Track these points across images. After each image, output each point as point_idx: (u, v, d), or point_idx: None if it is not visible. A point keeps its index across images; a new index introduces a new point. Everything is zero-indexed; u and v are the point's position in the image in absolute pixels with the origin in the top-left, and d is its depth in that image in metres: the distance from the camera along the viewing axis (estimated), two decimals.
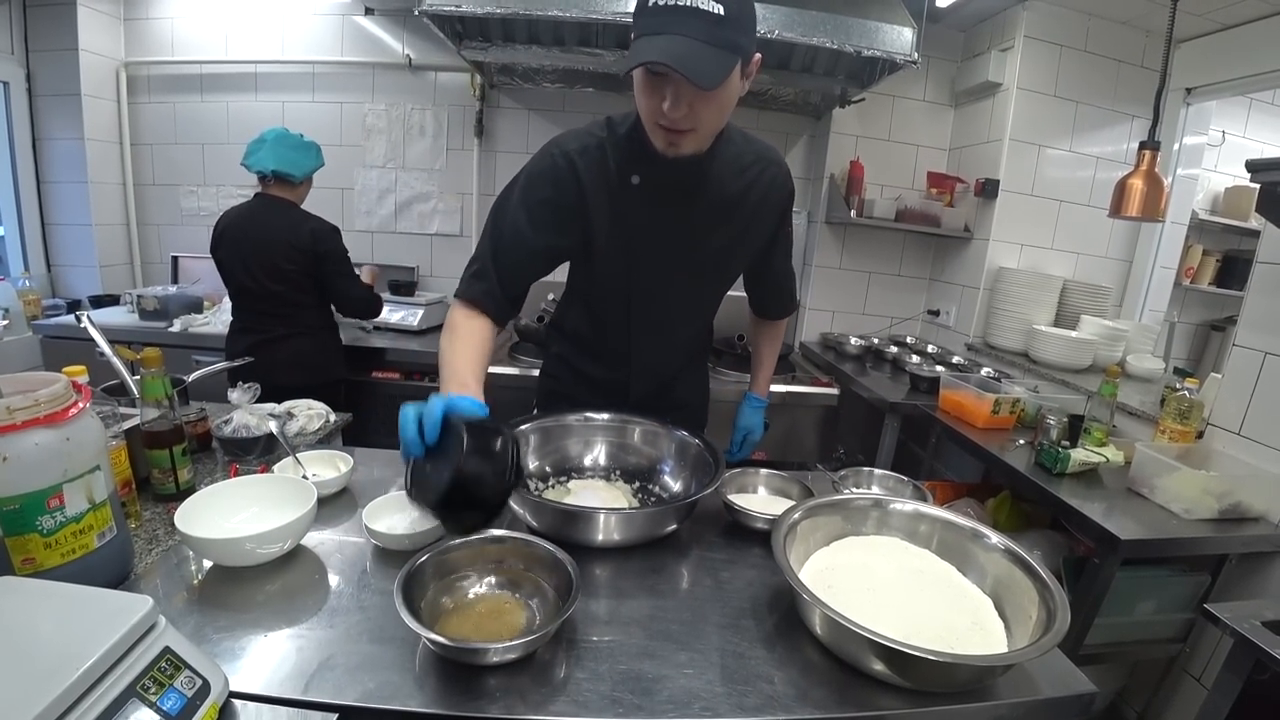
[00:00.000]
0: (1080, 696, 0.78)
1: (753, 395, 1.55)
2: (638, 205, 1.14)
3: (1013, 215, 2.68)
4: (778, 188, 1.22)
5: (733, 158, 1.16)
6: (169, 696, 0.59)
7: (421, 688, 0.70)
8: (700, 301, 1.34)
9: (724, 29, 0.91)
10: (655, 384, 1.38)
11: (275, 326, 2.13)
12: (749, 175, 1.18)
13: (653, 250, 1.18)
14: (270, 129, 2.12)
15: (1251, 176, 1.47)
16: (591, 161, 1.12)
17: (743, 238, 1.24)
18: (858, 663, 0.76)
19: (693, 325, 1.38)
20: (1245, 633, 1.14)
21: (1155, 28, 2.45)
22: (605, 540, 0.99)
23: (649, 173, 1.11)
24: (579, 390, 1.39)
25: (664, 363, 1.37)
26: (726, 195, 1.17)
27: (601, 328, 1.33)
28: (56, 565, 0.75)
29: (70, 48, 2.75)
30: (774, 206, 1.24)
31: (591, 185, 1.13)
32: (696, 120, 0.99)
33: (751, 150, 1.20)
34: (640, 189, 1.13)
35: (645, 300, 1.25)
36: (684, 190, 1.13)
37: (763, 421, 1.57)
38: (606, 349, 1.35)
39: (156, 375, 1.07)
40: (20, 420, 0.70)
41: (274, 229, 2.07)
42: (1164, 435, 1.76)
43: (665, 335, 1.33)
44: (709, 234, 1.19)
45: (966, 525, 0.96)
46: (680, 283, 1.24)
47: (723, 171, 1.15)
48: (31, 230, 2.93)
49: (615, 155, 1.12)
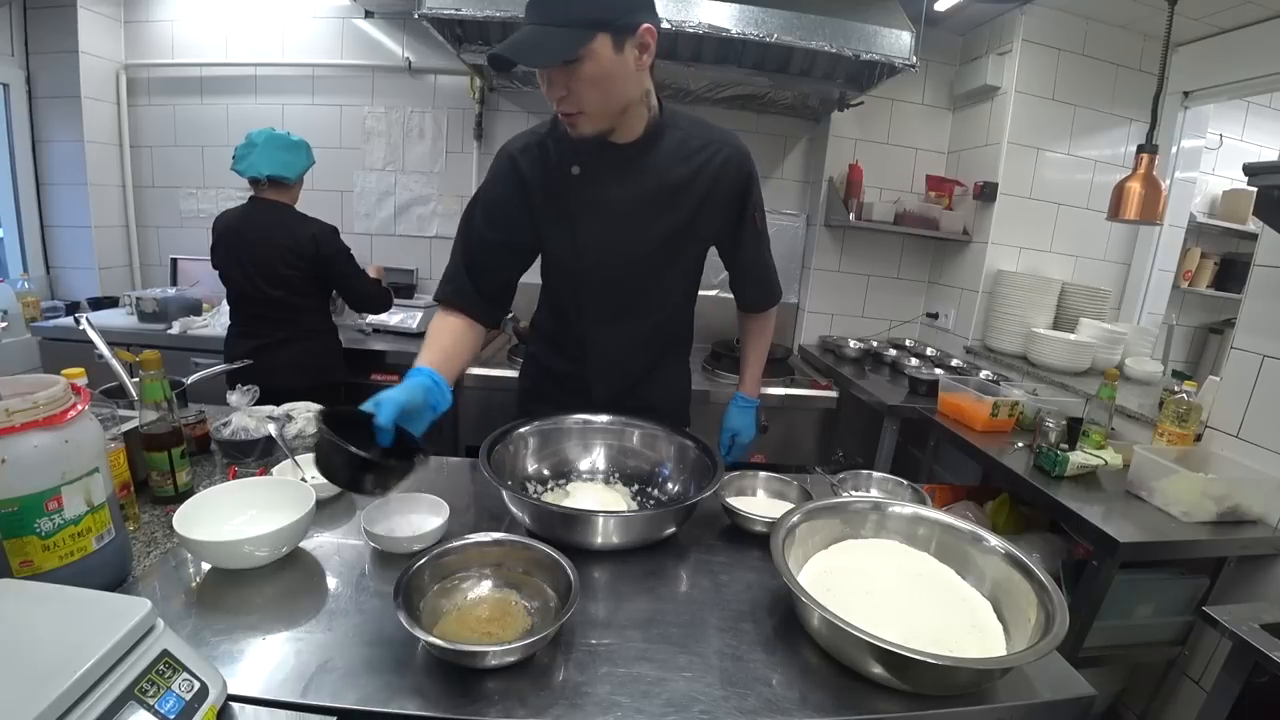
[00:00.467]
0: (1079, 699, 0.78)
1: (740, 395, 1.52)
2: (579, 194, 1.18)
3: (1011, 218, 2.68)
4: (731, 171, 1.21)
5: (678, 143, 1.18)
6: (167, 699, 0.59)
7: (420, 691, 0.70)
8: (655, 291, 1.31)
9: (571, 7, 0.96)
10: (619, 380, 1.37)
11: (275, 330, 2.12)
12: (697, 160, 1.19)
13: (596, 238, 1.21)
14: (258, 131, 2.08)
15: (1249, 180, 1.47)
16: (532, 159, 1.18)
17: (694, 223, 1.23)
18: (856, 666, 0.76)
19: (651, 317, 1.34)
20: (1244, 635, 1.14)
21: (1153, 31, 2.46)
22: (604, 543, 0.99)
23: (589, 162, 1.16)
24: (549, 388, 1.41)
25: (624, 356, 1.35)
26: (671, 180, 1.18)
27: (561, 322, 1.37)
28: (55, 568, 0.75)
29: (70, 50, 2.75)
30: (728, 190, 1.22)
31: (534, 181, 1.19)
32: (579, 101, 1.02)
33: (701, 135, 1.20)
34: (581, 178, 1.17)
35: (594, 289, 1.27)
36: (624, 177, 1.16)
37: (754, 423, 1.53)
38: (567, 343, 1.37)
39: (155, 377, 1.07)
40: (19, 422, 0.70)
41: (271, 233, 2.06)
42: (1162, 438, 1.76)
43: (620, 326, 1.32)
44: (654, 220, 1.20)
45: (965, 528, 0.96)
46: (629, 270, 1.25)
47: (665, 157, 1.17)
48: (31, 232, 2.93)
49: (557, 148, 1.17)
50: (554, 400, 1.36)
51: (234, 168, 2.08)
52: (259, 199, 2.10)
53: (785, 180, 3.18)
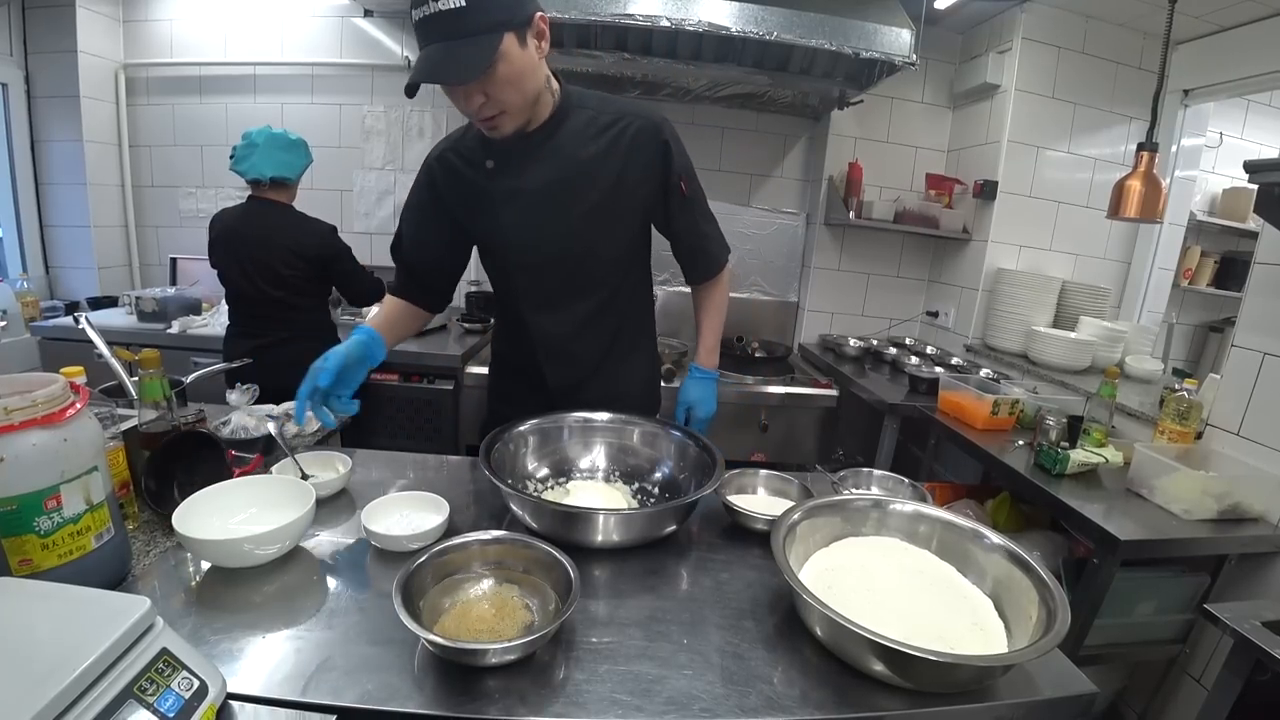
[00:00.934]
0: (1080, 697, 0.78)
1: (694, 366, 1.44)
2: (498, 186, 1.21)
3: (1011, 217, 2.68)
4: (644, 141, 1.21)
5: (586, 121, 1.20)
6: (166, 698, 0.58)
7: (420, 689, 0.69)
8: (587, 272, 1.30)
9: (470, 17, 0.96)
10: (570, 370, 1.37)
11: (275, 330, 2.12)
12: (608, 135, 1.20)
13: (519, 226, 1.23)
14: (257, 130, 2.07)
15: (1250, 177, 1.47)
16: (447, 162, 1.25)
17: (615, 199, 1.23)
18: (858, 663, 0.76)
19: (589, 299, 1.32)
20: (1245, 633, 1.14)
21: (1153, 29, 2.46)
22: (604, 541, 0.99)
23: (500, 155, 1.19)
24: (509, 384, 1.46)
25: (570, 341, 1.35)
26: (584, 158, 1.19)
27: (506, 315, 1.42)
28: (54, 566, 0.75)
29: (69, 49, 2.75)
30: (644, 159, 1.22)
31: (450, 182, 1.25)
32: (499, 104, 1.04)
33: (611, 110, 1.21)
34: (495, 170, 1.21)
35: (527, 276, 1.30)
36: (535, 163, 1.19)
37: (713, 395, 1.43)
38: (515, 333, 1.40)
39: (155, 376, 1.07)
40: (18, 421, 0.70)
41: (272, 234, 2.06)
42: (1163, 436, 1.76)
43: (558, 310, 1.32)
44: (572, 201, 1.22)
45: (966, 526, 0.96)
46: (556, 253, 1.27)
47: (575, 137, 1.19)
48: (30, 232, 2.92)
49: (468, 147, 1.23)
50: (514, 396, 1.42)
51: (234, 168, 2.07)
52: (258, 199, 2.09)
53: (785, 179, 3.18)
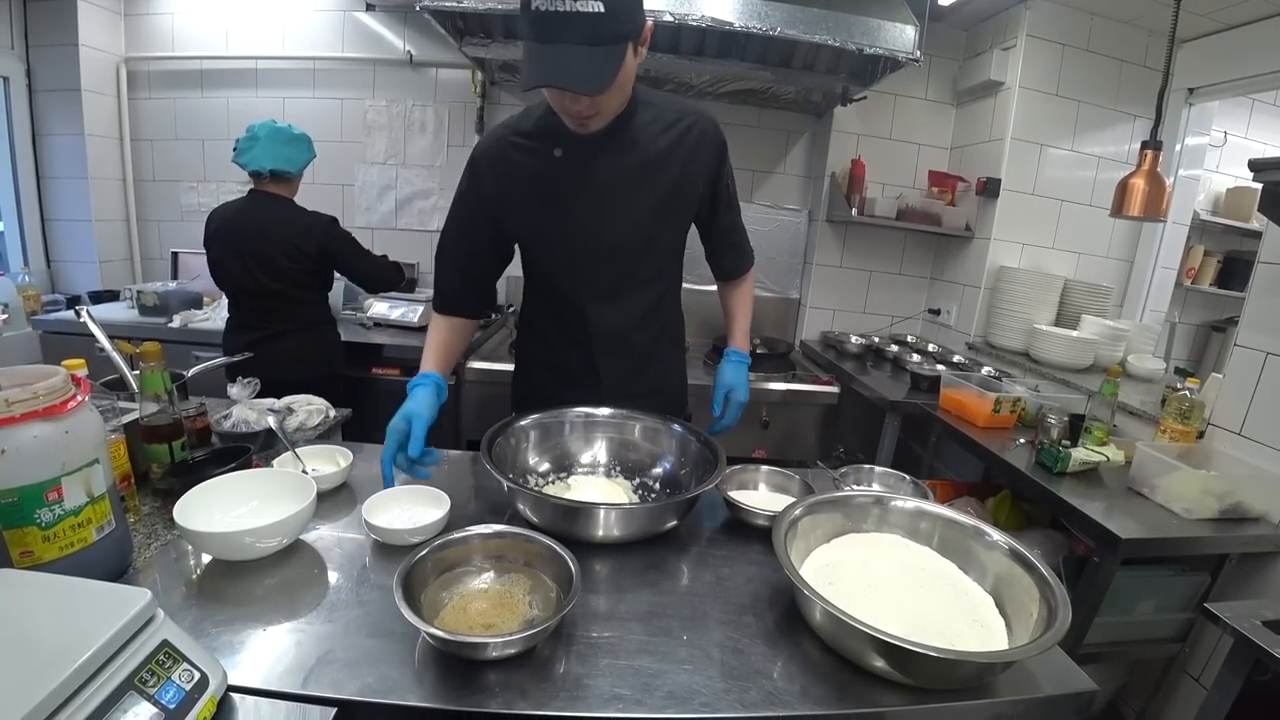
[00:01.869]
0: (1080, 695, 0.78)
1: (731, 349, 1.47)
2: (564, 175, 1.20)
3: (1014, 214, 2.67)
4: (707, 139, 1.25)
5: (653, 118, 1.22)
6: (167, 689, 0.59)
7: (421, 682, 0.70)
8: (648, 263, 1.34)
9: (608, 24, 0.94)
10: (625, 363, 1.38)
11: (275, 323, 2.12)
12: (673, 132, 1.23)
13: (588, 216, 1.23)
14: (260, 124, 2.06)
15: (1254, 176, 1.47)
16: (504, 148, 1.22)
17: (676, 193, 1.26)
18: (858, 659, 0.76)
19: (649, 289, 1.36)
20: (1245, 632, 1.14)
21: (1158, 27, 2.45)
22: (605, 536, 0.99)
23: (570, 144, 1.18)
24: (552, 386, 1.41)
25: (628, 331, 1.36)
26: (652, 152, 1.21)
27: (559, 310, 1.37)
28: (55, 558, 0.75)
29: (70, 43, 2.75)
30: (704, 158, 1.26)
31: (511, 171, 1.22)
32: (598, 106, 1.07)
33: (673, 109, 1.24)
34: (564, 160, 1.19)
35: (591, 266, 1.29)
36: (607, 155, 1.19)
37: (747, 381, 1.47)
38: (569, 333, 1.37)
39: (156, 369, 1.07)
40: (19, 413, 0.70)
41: (273, 227, 2.06)
42: (1165, 435, 1.75)
43: (620, 301, 1.33)
44: (640, 193, 1.23)
45: (968, 523, 0.95)
46: (622, 243, 1.27)
47: (643, 132, 1.21)
48: (31, 226, 2.92)
49: (534, 135, 1.21)
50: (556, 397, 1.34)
51: (235, 160, 2.06)
52: (259, 192, 2.09)
53: (787, 175, 3.17)
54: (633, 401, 1.32)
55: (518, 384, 1.51)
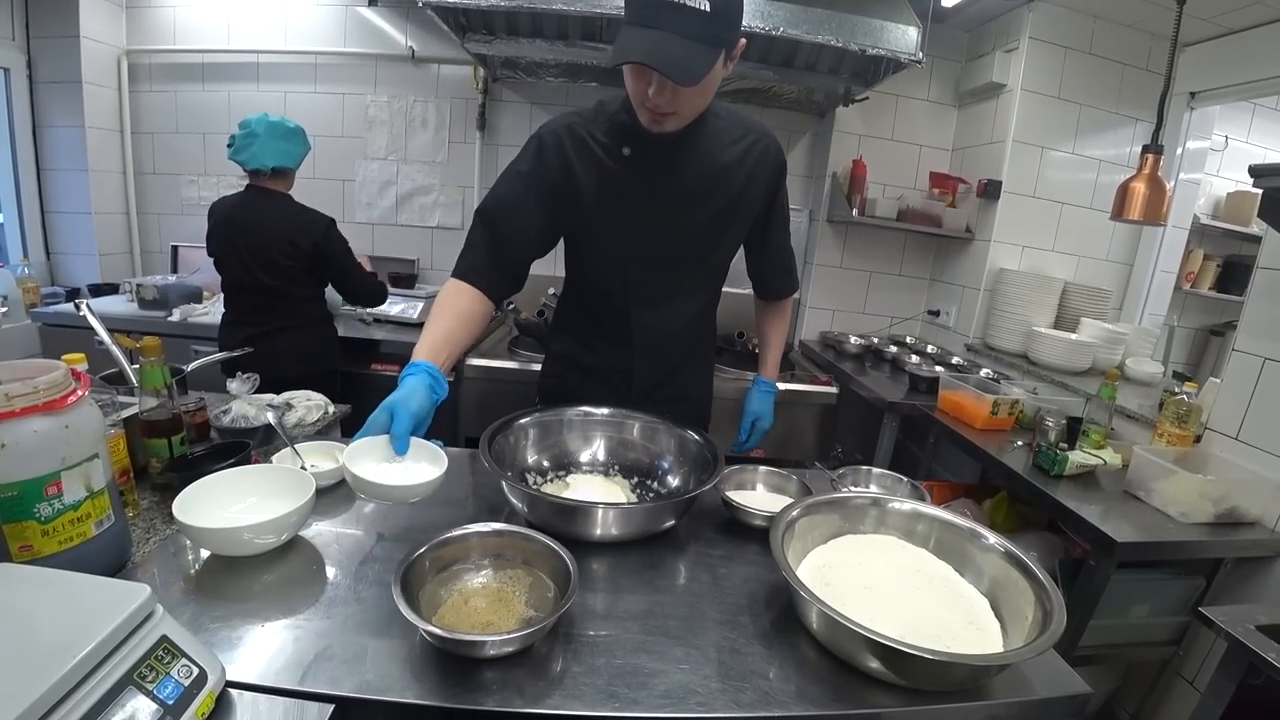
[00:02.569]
0: (1074, 697, 0.78)
1: (761, 379, 1.55)
2: (630, 175, 1.20)
3: (1014, 217, 2.67)
4: (769, 158, 1.27)
5: (721, 130, 1.22)
6: (165, 685, 0.59)
7: (418, 679, 0.70)
8: (699, 274, 1.35)
9: (711, 25, 0.95)
10: (659, 368, 1.39)
11: (271, 319, 2.13)
12: (739, 146, 1.24)
13: (646, 217, 1.23)
14: (255, 118, 2.04)
15: (1254, 181, 1.47)
16: (578, 138, 1.20)
17: (735, 208, 1.27)
18: (854, 660, 0.76)
19: (692, 300, 1.38)
20: (1239, 636, 1.14)
21: (1160, 31, 2.44)
22: (603, 535, 0.99)
23: (640, 144, 1.18)
24: (582, 385, 1.40)
25: (667, 341, 1.38)
26: (717, 165, 1.22)
27: (602, 309, 1.36)
28: (54, 553, 0.75)
29: (71, 35, 2.74)
30: (765, 177, 1.28)
31: (578, 159, 1.20)
32: (679, 105, 1.06)
33: (740, 124, 1.25)
34: (631, 159, 1.19)
35: (643, 269, 1.29)
36: (674, 160, 1.19)
37: (772, 408, 1.55)
38: (608, 333, 1.37)
39: (155, 363, 1.07)
40: (19, 407, 0.70)
41: (270, 224, 2.06)
42: (1162, 439, 1.76)
43: (665, 309, 1.34)
44: (701, 202, 1.24)
45: (964, 525, 0.96)
46: (677, 252, 1.28)
47: (712, 142, 1.21)
48: (31, 218, 2.92)
49: (606, 130, 1.20)
50: (584, 397, 1.34)
51: (233, 158, 2.06)
52: (257, 187, 2.09)
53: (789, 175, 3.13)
54: (658, 407, 1.32)
55: (546, 377, 1.51)
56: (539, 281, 1.36)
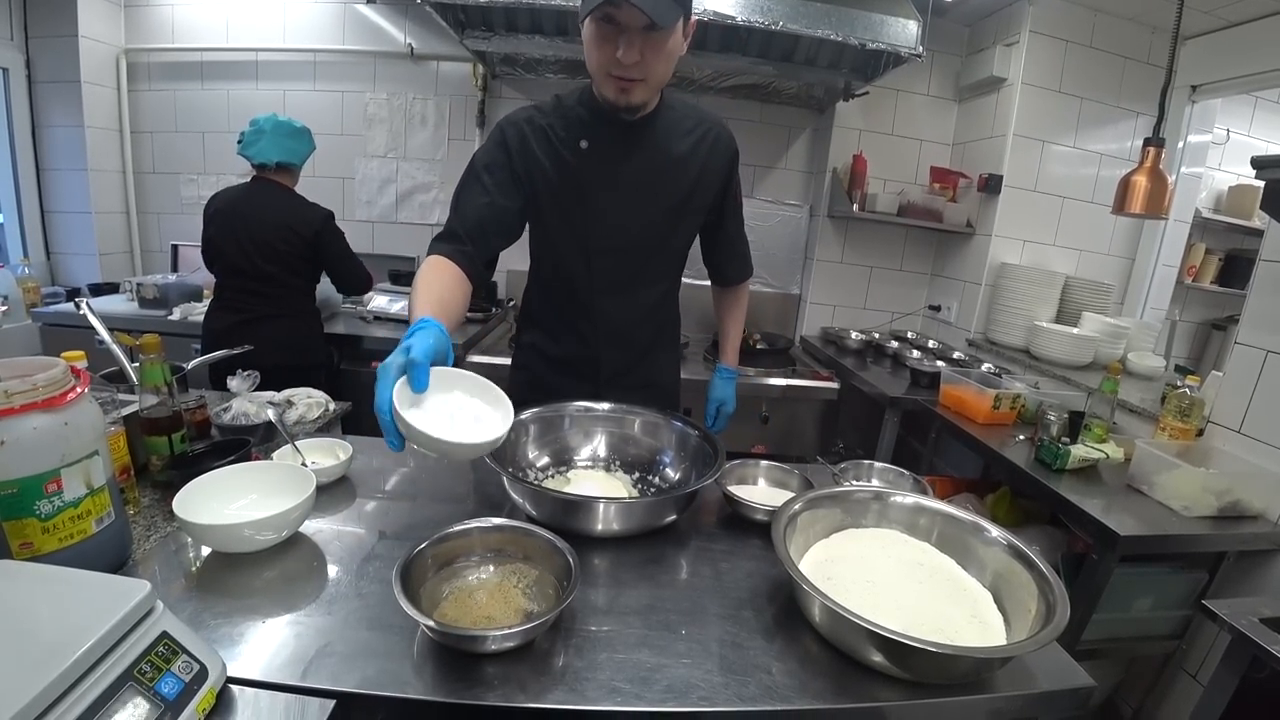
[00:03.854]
0: (1077, 690, 0.78)
1: (722, 366, 1.61)
2: (589, 167, 1.23)
3: (1015, 211, 2.67)
4: (721, 147, 1.31)
5: (675, 121, 1.26)
6: (166, 681, 0.59)
7: (419, 675, 0.70)
8: (659, 262, 1.38)
9: None
10: (625, 355, 1.41)
11: (258, 306, 2.15)
12: (693, 136, 1.28)
13: (609, 210, 1.26)
14: (265, 117, 2.12)
15: (1257, 173, 1.47)
16: (537, 129, 1.23)
17: (692, 196, 1.31)
18: (857, 654, 0.76)
19: (654, 289, 1.40)
20: (1243, 629, 1.14)
21: (1161, 24, 2.44)
22: (605, 530, 0.99)
23: (597, 136, 1.21)
24: (550, 376, 1.43)
25: (631, 329, 1.40)
26: (673, 154, 1.26)
27: (566, 299, 1.38)
28: (54, 550, 0.75)
29: (70, 34, 2.74)
30: (719, 165, 1.32)
31: (538, 151, 1.22)
32: (647, 70, 1.08)
33: (693, 115, 1.29)
34: (590, 152, 1.22)
35: (604, 259, 1.31)
36: (631, 152, 1.22)
37: (734, 394, 1.62)
38: (572, 323, 1.39)
39: (155, 361, 1.06)
40: (18, 404, 0.70)
41: (273, 212, 2.11)
42: (1164, 433, 1.75)
43: (628, 297, 1.37)
44: (659, 192, 1.27)
45: (967, 519, 0.96)
46: (637, 241, 1.31)
47: (667, 133, 1.25)
48: (31, 218, 2.92)
49: (563, 124, 1.23)
50: (554, 388, 1.38)
51: (241, 152, 2.12)
52: (261, 179, 2.15)
53: (789, 170, 3.16)
54: (628, 395, 1.33)
55: (517, 371, 1.52)
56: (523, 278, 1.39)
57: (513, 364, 1.54)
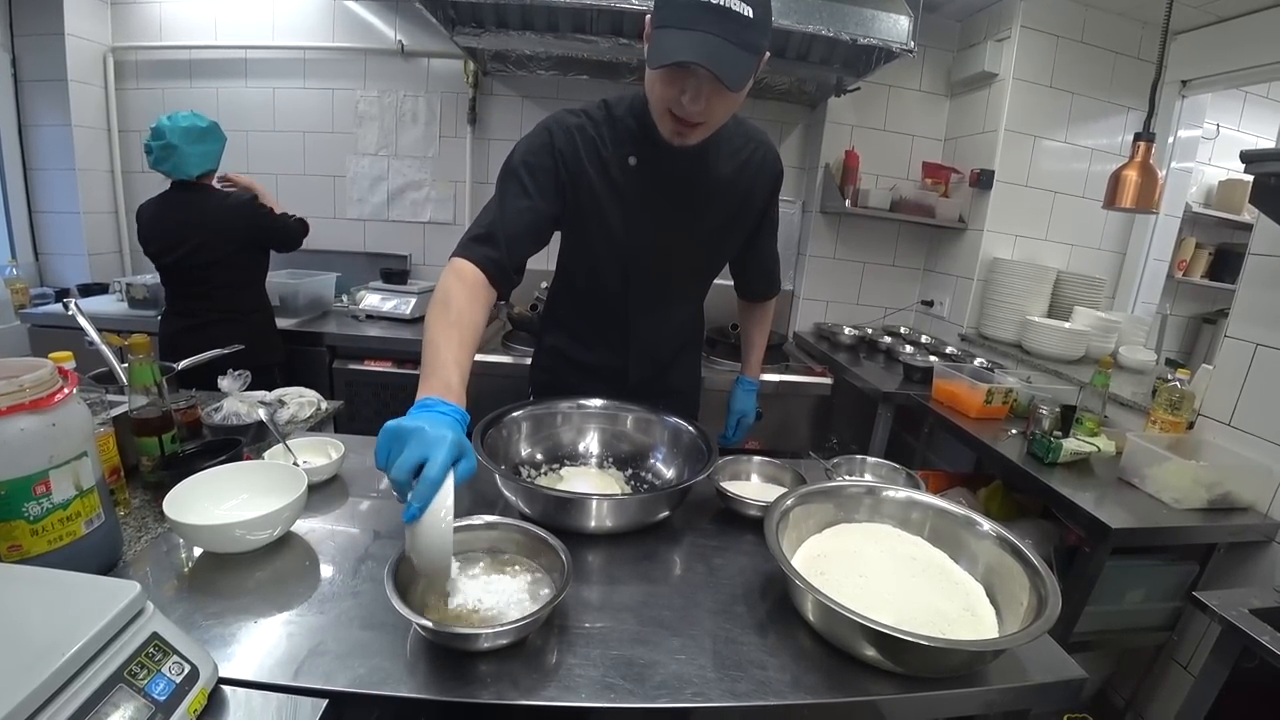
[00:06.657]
0: (1070, 683, 0.79)
1: (745, 378, 1.59)
2: (635, 185, 1.17)
3: (1007, 206, 2.68)
4: (768, 169, 1.26)
5: (724, 139, 1.19)
6: (157, 682, 0.58)
7: (412, 673, 0.70)
8: (695, 282, 1.37)
9: (751, 32, 0.93)
10: (652, 368, 1.40)
11: (203, 310, 2.15)
12: (741, 157, 1.22)
13: (650, 230, 1.21)
14: (168, 125, 2.01)
15: (1246, 168, 1.47)
16: (587, 138, 1.16)
17: (736, 218, 1.27)
18: (850, 648, 0.76)
19: (688, 306, 1.40)
20: (1233, 620, 1.15)
21: (1152, 19, 2.44)
22: (598, 526, 0.99)
23: (647, 155, 1.15)
24: (574, 379, 1.39)
25: (660, 345, 1.39)
26: (721, 177, 1.20)
27: (598, 311, 1.35)
28: (44, 552, 0.75)
29: (56, 32, 2.70)
30: (764, 187, 1.28)
31: (587, 160, 1.16)
32: (710, 115, 1.02)
33: (742, 133, 1.23)
34: (637, 170, 1.16)
35: (642, 279, 1.28)
36: (680, 172, 1.17)
37: (755, 405, 1.59)
38: (603, 333, 1.36)
39: (144, 361, 1.06)
40: (4, 406, 0.69)
41: (202, 219, 2.09)
42: (1155, 426, 1.76)
43: (661, 316, 1.35)
44: (704, 215, 1.22)
45: (959, 513, 0.96)
46: (677, 263, 1.27)
47: (718, 155, 1.19)
48: (19, 218, 2.89)
49: (611, 135, 1.16)
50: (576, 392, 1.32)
51: (156, 167, 2.07)
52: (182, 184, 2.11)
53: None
54: (653, 400, 1.32)
55: (540, 372, 1.49)
56: (533, 276, 1.35)
57: (534, 364, 1.51)
